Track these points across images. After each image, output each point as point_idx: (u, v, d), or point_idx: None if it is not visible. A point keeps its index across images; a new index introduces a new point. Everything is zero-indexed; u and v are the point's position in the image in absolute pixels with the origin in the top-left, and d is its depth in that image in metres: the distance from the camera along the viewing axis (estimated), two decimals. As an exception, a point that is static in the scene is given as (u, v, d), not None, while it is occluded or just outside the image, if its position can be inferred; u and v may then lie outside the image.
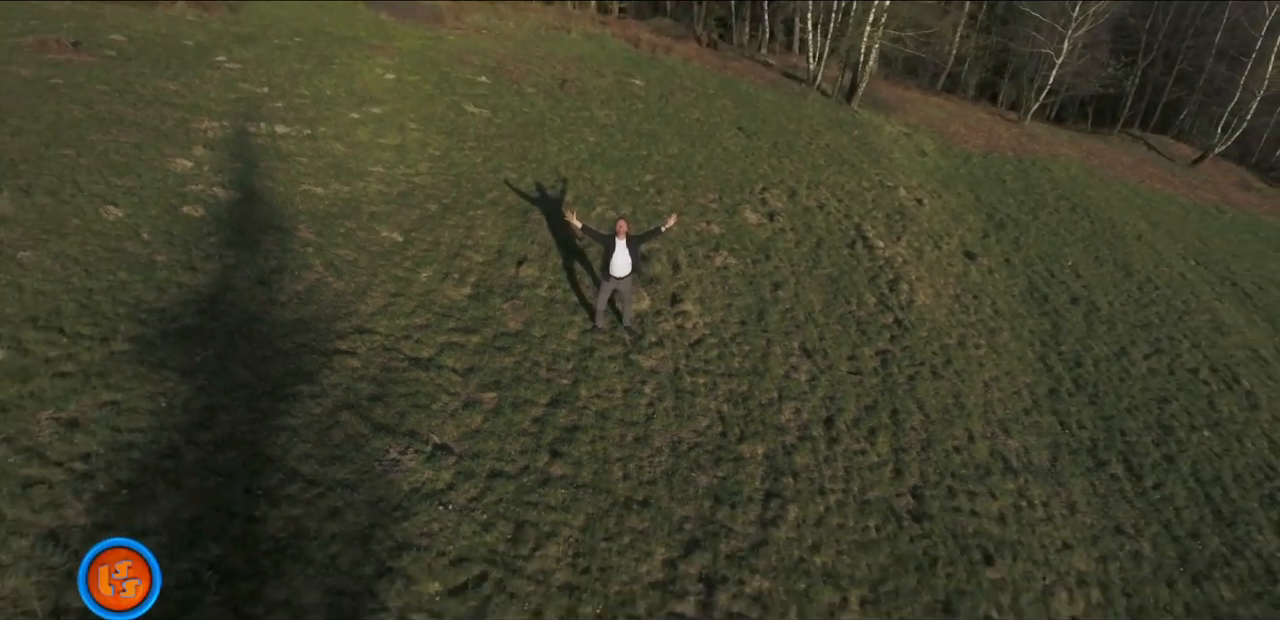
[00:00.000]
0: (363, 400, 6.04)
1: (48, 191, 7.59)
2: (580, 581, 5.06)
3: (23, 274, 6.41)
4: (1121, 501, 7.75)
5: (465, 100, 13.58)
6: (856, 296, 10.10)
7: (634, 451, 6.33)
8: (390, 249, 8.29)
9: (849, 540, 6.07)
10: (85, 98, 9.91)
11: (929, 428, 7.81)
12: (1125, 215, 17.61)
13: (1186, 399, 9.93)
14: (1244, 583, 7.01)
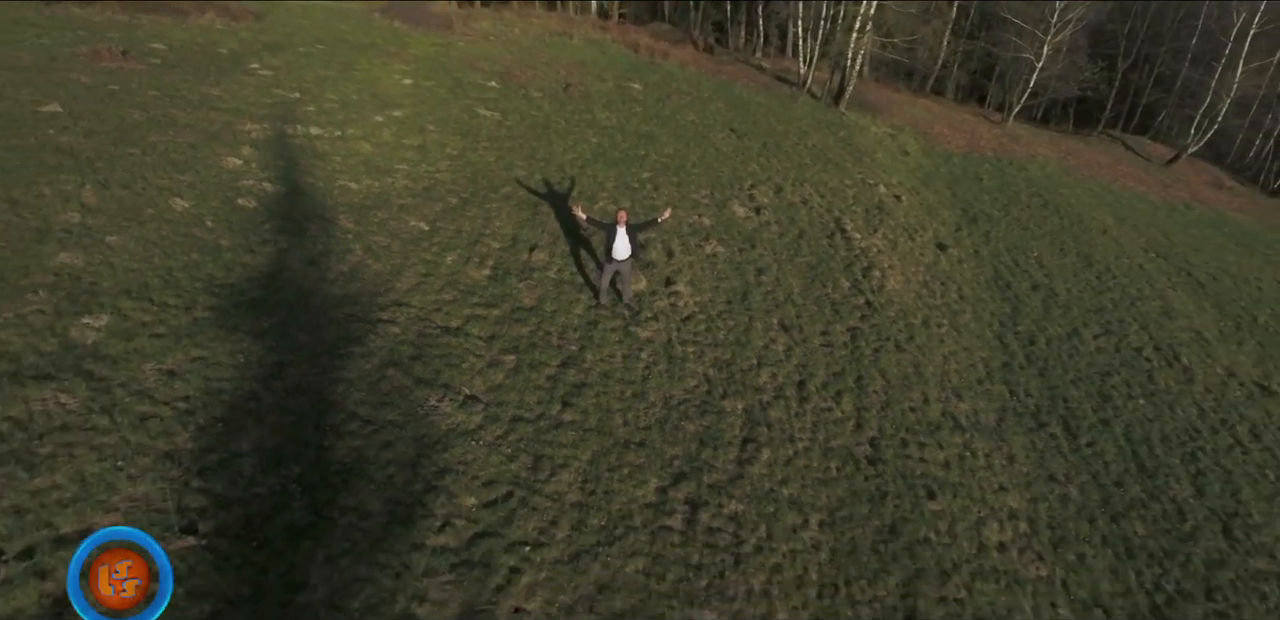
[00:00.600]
0: (404, 359, 7.19)
1: (122, 185, 8.73)
2: (588, 500, 6.21)
3: (113, 254, 7.56)
4: (1057, 456, 8.90)
5: (477, 104, 14.73)
6: (832, 281, 11.26)
7: (632, 404, 7.48)
8: (419, 236, 9.44)
9: (813, 477, 7.22)
10: (141, 102, 11.06)
11: (889, 391, 8.96)
12: (1094, 211, 18.76)
13: (1128, 373, 11.08)
14: (1156, 521, 8.16)
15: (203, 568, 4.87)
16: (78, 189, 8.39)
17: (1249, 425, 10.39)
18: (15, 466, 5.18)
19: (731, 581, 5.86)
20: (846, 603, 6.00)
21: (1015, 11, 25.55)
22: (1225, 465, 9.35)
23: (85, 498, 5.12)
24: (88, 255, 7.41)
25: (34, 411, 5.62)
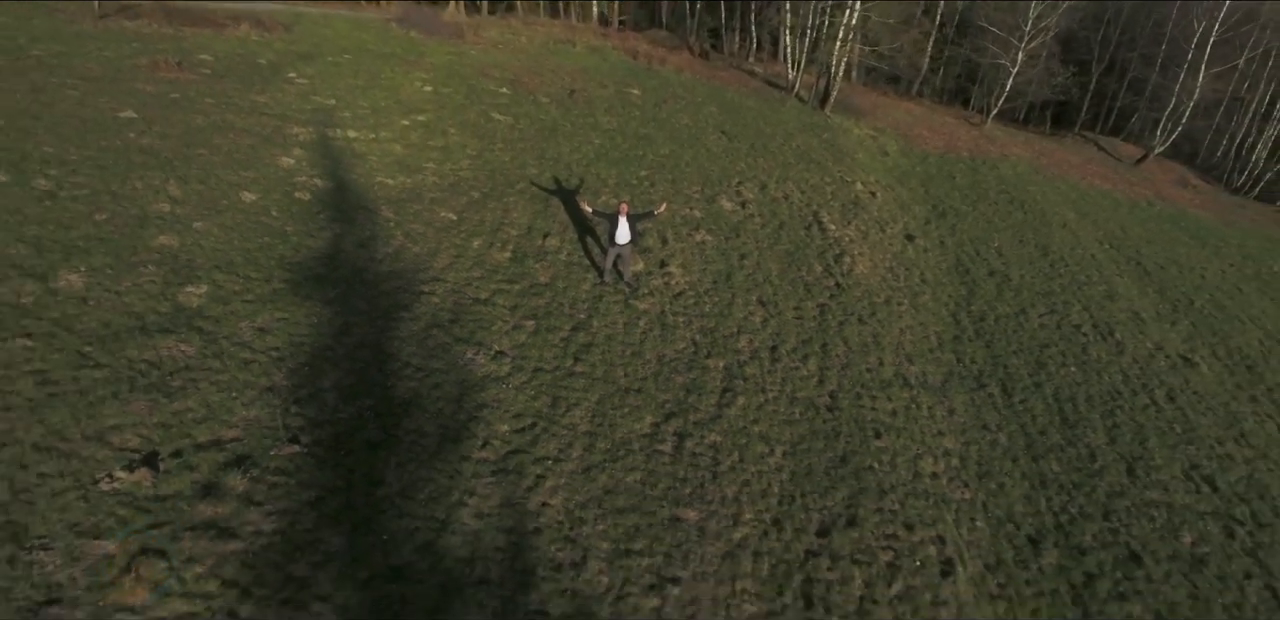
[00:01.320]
0: (445, 322, 8.76)
1: (199, 180, 10.30)
2: (596, 430, 7.78)
3: (201, 237, 9.13)
4: (991, 410, 10.48)
5: (491, 109, 16.30)
6: (807, 266, 12.83)
7: (631, 360, 9.05)
8: (448, 225, 11.01)
9: (779, 419, 8.79)
10: (201, 109, 12.63)
11: (849, 356, 10.54)
12: (1057, 207, 20.35)
13: (1064, 345, 12.66)
14: (1070, 462, 9.73)
15: (306, 467, 6.44)
16: (163, 183, 9.97)
17: (1167, 389, 11.98)
18: (157, 395, 6.75)
19: (709, 490, 7.44)
20: (801, 509, 7.58)
21: (992, 20, 27.13)
22: (1139, 420, 10.93)
23: (212, 418, 6.70)
24: (181, 238, 8.98)
25: (163, 356, 7.20)
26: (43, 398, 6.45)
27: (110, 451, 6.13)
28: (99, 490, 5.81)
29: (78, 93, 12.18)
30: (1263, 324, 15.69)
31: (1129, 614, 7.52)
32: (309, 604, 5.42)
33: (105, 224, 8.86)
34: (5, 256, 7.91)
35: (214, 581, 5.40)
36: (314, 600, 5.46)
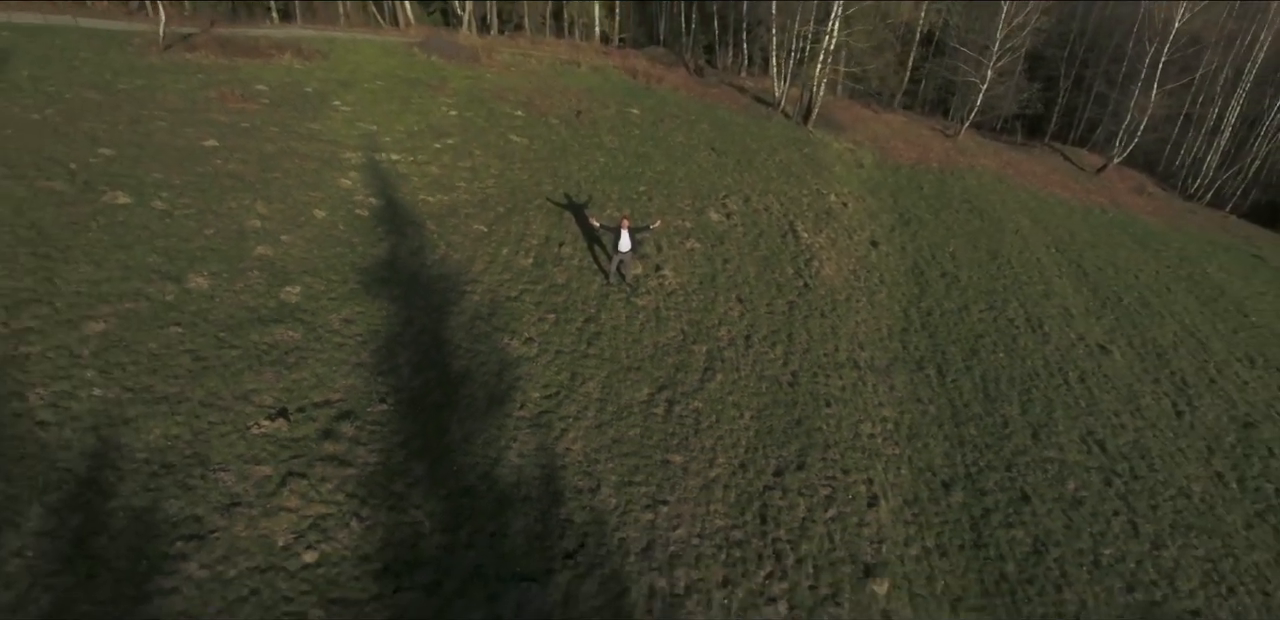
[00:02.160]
0: (485, 315, 11.08)
1: (279, 200, 12.62)
2: (606, 397, 10.10)
3: (289, 248, 11.44)
4: (926, 387, 12.80)
5: (509, 131, 18.62)
6: (780, 269, 15.15)
7: (631, 346, 11.36)
8: (481, 236, 13.33)
9: (749, 391, 11.11)
10: (269, 137, 14.94)
11: (810, 343, 12.86)
12: (1013, 215, 22.67)
13: (997, 336, 14.99)
14: (986, 427, 12.05)
15: (393, 420, 8.76)
16: (252, 203, 12.29)
17: (1080, 372, 14.31)
18: (280, 367, 9.07)
19: (692, 442, 9.76)
20: (762, 456, 9.89)
21: (963, 40, 29.45)
22: (1050, 397, 13.26)
23: (321, 385, 9.02)
24: (274, 248, 11.30)
25: (278, 340, 9.52)
26: (198, 369, 8.77)
27: (254, 407, 8.46)
28: (252, 433, 8.14)
29: (166, 124, 14.50)
30: (1181, 319, 18.01)
31: (1013, 537, 9.84)
32: (407, 510, 7.75)
33: (214, 237, 11.18)
34: (146, 264, 10.23)
35: (341, 494, 7.73)
36: (410, 507, 7.78)
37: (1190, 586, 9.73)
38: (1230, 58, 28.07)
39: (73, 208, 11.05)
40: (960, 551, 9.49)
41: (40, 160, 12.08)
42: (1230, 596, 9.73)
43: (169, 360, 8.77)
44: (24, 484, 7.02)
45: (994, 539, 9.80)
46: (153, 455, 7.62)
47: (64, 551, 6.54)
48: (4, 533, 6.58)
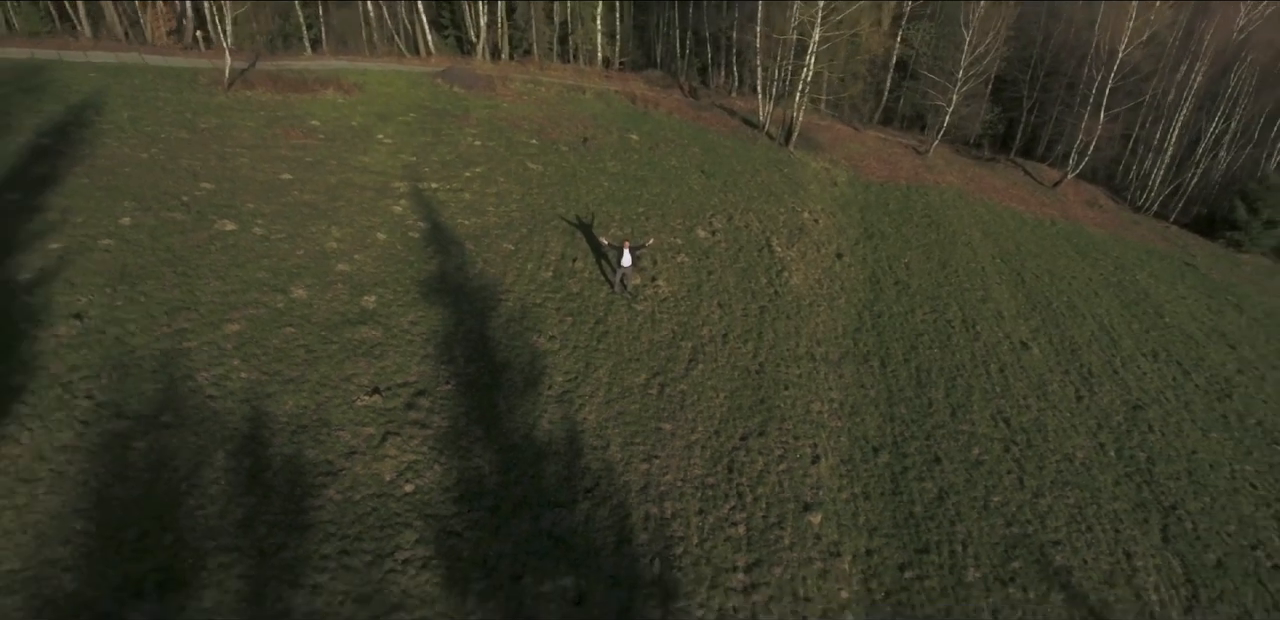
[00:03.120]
0: (517, 318, 14.14)
1: (346, 225, 15.67)
2: (612, 380, 13.17)
3: (362, 265, 14.49)
4: (869, 376, 15.87)
5: (526, 159, 21.68)
6: (755, 279, 18.22)
7: (632, 342, 14.42)
8: (509, 254, 16.39)
9: (724, 377, 14.17)
10: (330, 170, 17.99)
11: (776, 341, 15.93)
12: (967, 228, 25.75)
13: (934, 334, 18.06)
14: (914, 407, 15.10)
15: (457, 397, 11.82)
16: (327, 228, 15.35)
17: (1000, 364, 17.38)
18: (370, 358, 12.14)
19: (678, 414, 12.82)
20: (731, 426, 12.95)
21: (931, 67, 32.52)
22: (971, 384, 16.33)
23: (401, 370, 12.08)
24: (351, 266, 14.37)
25: (365, 337, 12.57)
26: (311, 359, 11.84)
27: (355, 386, 11.52)
28: (356, 405, 11.20)
29: (247, 159, 17.56)
30: (1100, 320, 21.09)
31: (923, 488, 12.91)
32: (471, 459, 10.81)
33: (304, 257, 14.24)
34: (257, 279, 13.29)
35: (424, 447, 10.79)
36: (474, 457, 10.85)
37: (1056, 524, 12.80)
38: (1171, 85, 31.15)
39: (193, 234, 14.12)
40: (880, 497, 12.56)
41: (159, 194, 15.14)
42: (1087, 532, 12.80)
43: (289, 352, 11.84)
44: (207, 437, 10.08)
45: (908, 489, 12.88)
46: (290, 419, 10.68)
47: (244, 482, 9.60)
48: (201, 469, 9.64)
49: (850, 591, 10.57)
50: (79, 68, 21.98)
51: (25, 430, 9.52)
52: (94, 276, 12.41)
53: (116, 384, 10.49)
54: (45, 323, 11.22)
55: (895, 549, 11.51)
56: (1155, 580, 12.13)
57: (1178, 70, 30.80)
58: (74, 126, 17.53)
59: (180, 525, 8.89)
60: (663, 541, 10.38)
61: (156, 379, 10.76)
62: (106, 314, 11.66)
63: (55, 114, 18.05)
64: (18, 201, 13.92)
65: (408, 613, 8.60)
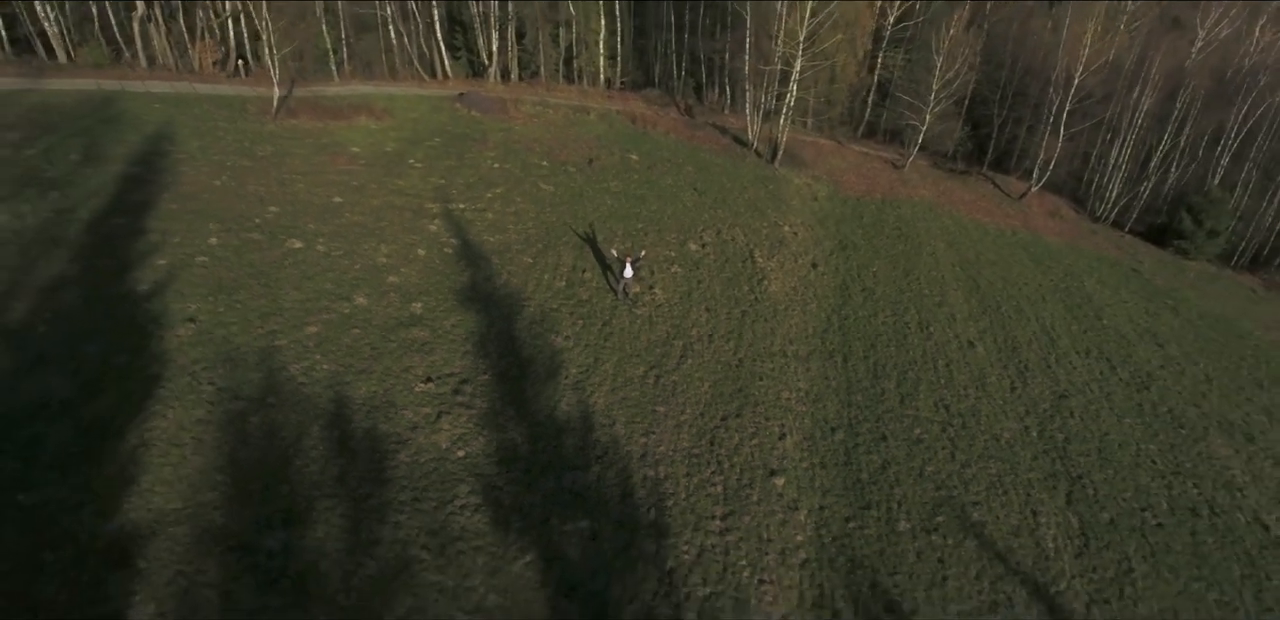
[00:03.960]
0: (538, 321, 17.08)
1: (392, 242, 18.59)
2: (617, 372, 16.11)
3: (409, 277, 17.42)
4: (833, 369, 18.80)
5: (539, 180, 24.60)
6: (738, 287, 21.15)
7: (632, 341, 17.37)
8: (528, 266, 19.32)
9: (709, 370, 17.12)
10: (372, 193, 20.91)
11: (754, 340, 18.86)
12: (932, 239, 28.69)
13: (891, 334, 20.99)
14: (869, 395, 18.04)
15: (492, 385, 14.76)
16: (377, 245, 18.29)
17: (947, 360, 20.32)
18: (425, 353, 15.07)
19: (671, 400, 15.76)
20: (714, 408, 15.89)
21: (905, 89, 35.47)
22: (919, 377, 19.27)
23: (446, 363, 15.02)
24: (399, 278, 17.30)
25: (415, 337, 15.51)
26: (376, 354, 14.78)
27: (413, 376, 14.46)
28: (415, 391, 14.13)
29: (304, 185, 20.49)
30: (1043, 321, 24.03)
31: (870, 460, 15.85)
32: (508, 432, 13.75)
33: (360, 270, 17.18)
34: (325, 289, 16.23)
35: (470, 423, 13.72)
36: (509, 431, 13.78)
37: (978, 489, 15.75)
38: (1125, 107, 34.12)
39: (269, 251, 17.06)
40: (834, 466, 15.50)
41: (236, 217, 18.08)
42: (1003, 495, 15.74)
43: (358, 349, 14.77)
44: (304, 415, 13.01)
45: (857, 460, 15.81)
46: (365, 401, 13.62)
47: (336, 448, 12.53)
48: (302, 439, 12.56)
49: (804, 536, 13.51)
50: (143, 98, 24.89)
51: (169, 408, 12.45)
52: (197, 287, 15.34)
53: (230, 373, 13.43)
54: (167, 325, 14.15)
55: (843, 506, 14.46)
56: (1054, 533, 15.08)
57: (1130, 94, 33.74)
58: (154, 156, 20.44)
59: (292, 479, 11.82)
60: (657, 496, 13.32)
61: (259, 369, 13.69)
62: (213, 318, 14.59)
63: (135, 144, 20.97)
64: (125, 225, 16.84)
65: (465, 542, 11.54)
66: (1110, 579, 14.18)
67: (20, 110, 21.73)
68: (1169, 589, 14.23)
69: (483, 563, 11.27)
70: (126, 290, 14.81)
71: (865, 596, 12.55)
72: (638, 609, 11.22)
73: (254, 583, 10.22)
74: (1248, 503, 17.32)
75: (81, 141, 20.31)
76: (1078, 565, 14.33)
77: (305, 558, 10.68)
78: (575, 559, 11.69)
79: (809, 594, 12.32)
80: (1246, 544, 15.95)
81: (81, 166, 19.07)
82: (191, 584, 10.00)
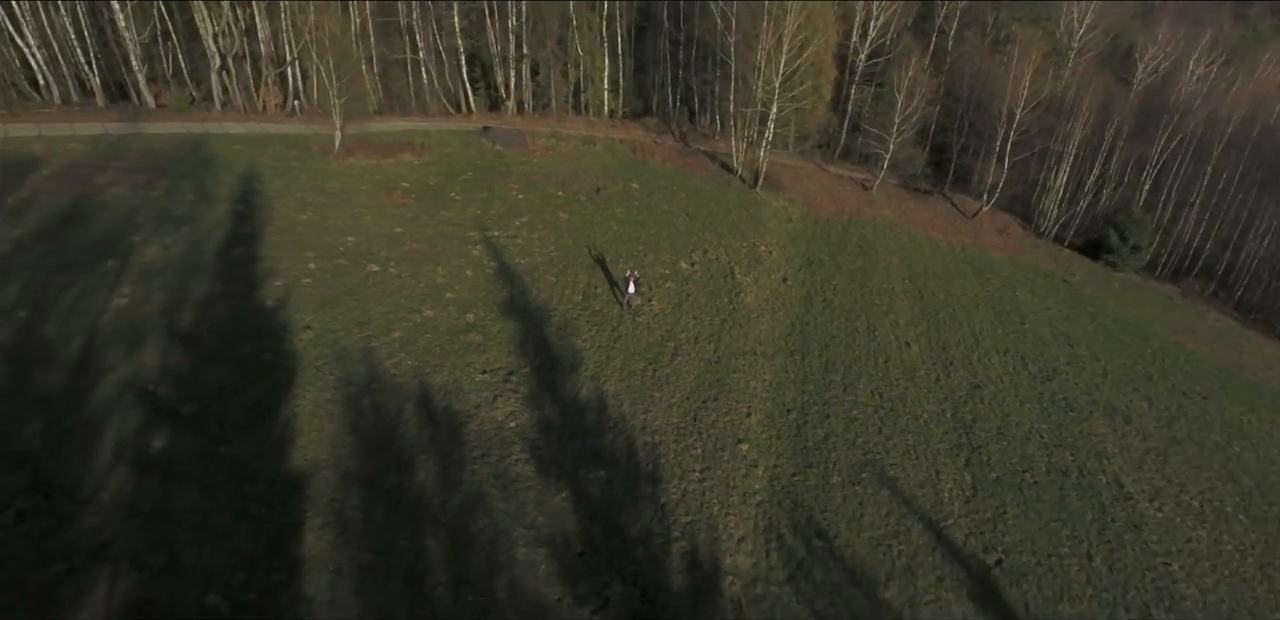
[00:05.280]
0: (562, 327, 22.15)
1: (445, 265, 23.66)
2: (623, 368, 21.19)
3: (461, 293, 22.49)
4: (792, 365, 23.86)
5: (557, 209, 29.66)
6: (720, 298, 26.23)
7: (634, 343, 22.44)
8: (552, 284, 24.38)
9: (693, 364, 22.19)
10: (425, 224, 25.95)
11: (731, 341, 23.94)
12: (888, 255, 33.78)
13: (843, 336, 26.06)
14: (820, 385, 23.10)
15: (533, 376, 19.84)
16: (434, 268, 23.35)
17: (886, 357, 25.40)
18: (478, 353, 20.16)
19: (664, 387, 20.82)
20: (697, 395, 20.96)
21: (871, 123, 40.58)
22: (861, 370, 24.34)
23: (497, 360, 20.10)
24: (455, 294, 22.38)
25: (472, 340, 20.60)
26: (444, 353, 19.88)
27: (474, 369, 19.54)
28: (475, 380, 19.22)
29: (371, 217, 25.55)
30: (973, 326, 29.13)
31: (815, 433, 20.93)
32: (544, 409, 18.84)
33: (424, 289, 22.24)
34: (401, 303, 21.30)
35: (516, 404, 18.81)
36: (545, 409, 18.87)
37: (896, 455, 20.82)
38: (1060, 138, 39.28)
39: (354, 274, 22.12)
40: (787, 437, 20.56)
41: (324, 246, 23.13)
42: (915, 460, 20.80)
43: (431, 349, 19.84)
44: (399, 398, 18.07)
45: (805, 433, 20.88)
46: (440, 387, 18.67)
47: (426, 421, 17.58)
48: (401, 415, 17.63)
49: (760, 485, 18.57)
50: (225, 140, 29.93)
51: (305, 391, 17.50)
52: (307, 302, 20.40)
53: (342, 367, 18.48)
54: (292, 332, 19.21)
55: (791, 465, 19.53)
56: (950, 487, 20.17)
57: (1065, 127, 38.88)
58: (250, 194, 25.50)
59: (398, 441, 16.88)
60: (654, 455, 18.40)
61: (362, 364, 18.75)
62: (323, 326, 19.65)
63: (232, 184, 26.01)
64: (243, 253, 21.89)
65: (520, 484, 16.59)
66: (988, 519, 19.29)
67: (136, 155, 26.76)
68: (1032, 526, 19.35)
69: (533, 496, 16.34)
70: (258, 305, 19.87)
71: (802, 526, 17.64)
72: (639, 529, 16.29)
73: (382, 507, 15.28)
74: (1111, 468, 22.47)
75: (191, 183, 25.36)
76: (965, 509, 19.45)
77: (414, 492, 15.74)
78: (596, 496, 16.76)
79: (760, 523, 17.40)
80: (1103, 497, 21.08)
81: (197, 205, 24.11)
82: (342, 507, 15.05)
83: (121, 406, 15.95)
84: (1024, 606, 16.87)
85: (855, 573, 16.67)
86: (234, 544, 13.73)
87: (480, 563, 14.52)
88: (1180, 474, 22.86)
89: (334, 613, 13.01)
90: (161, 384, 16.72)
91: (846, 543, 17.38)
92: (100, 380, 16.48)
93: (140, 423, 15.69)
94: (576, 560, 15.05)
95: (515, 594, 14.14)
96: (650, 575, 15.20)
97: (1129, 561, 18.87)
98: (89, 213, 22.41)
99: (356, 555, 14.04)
